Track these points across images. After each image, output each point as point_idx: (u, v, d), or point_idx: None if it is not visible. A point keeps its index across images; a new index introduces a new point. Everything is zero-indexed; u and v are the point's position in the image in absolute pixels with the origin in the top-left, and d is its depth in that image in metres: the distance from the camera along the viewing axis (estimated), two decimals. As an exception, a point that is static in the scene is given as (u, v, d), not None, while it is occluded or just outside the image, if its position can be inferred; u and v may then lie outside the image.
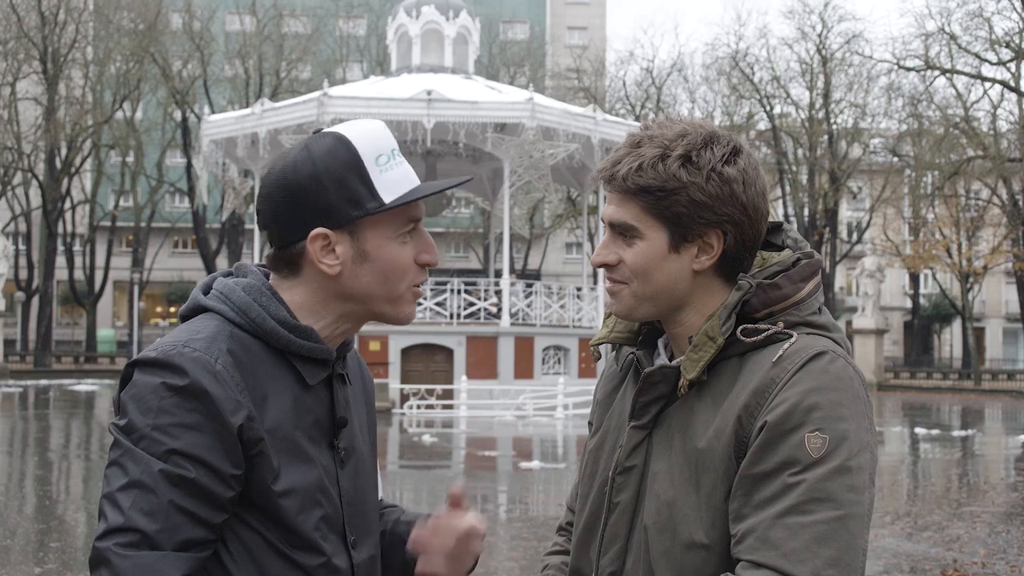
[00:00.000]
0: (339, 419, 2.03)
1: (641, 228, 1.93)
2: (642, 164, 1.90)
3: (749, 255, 1.97)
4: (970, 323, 57.37)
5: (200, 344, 1.87)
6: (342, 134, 1.97)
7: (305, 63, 60.10)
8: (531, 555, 10.17)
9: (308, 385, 1.98)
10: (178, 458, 1.78)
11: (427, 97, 28.85)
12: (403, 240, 1.99)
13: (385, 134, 2.02)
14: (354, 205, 1.93)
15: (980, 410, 37.85)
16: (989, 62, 50.01)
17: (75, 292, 58.74)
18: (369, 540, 2.10)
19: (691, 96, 61.44)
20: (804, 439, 1.78)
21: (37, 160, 54.75)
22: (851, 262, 64.73)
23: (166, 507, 1.76)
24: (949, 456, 20.92)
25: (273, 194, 1.96)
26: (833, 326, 1.96)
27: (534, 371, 31.37)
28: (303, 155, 1.95)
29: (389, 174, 1.96)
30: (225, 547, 1.87)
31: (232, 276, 2.06)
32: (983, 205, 56.43)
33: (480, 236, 61.13)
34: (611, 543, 2.01)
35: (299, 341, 1.95)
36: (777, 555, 1.74)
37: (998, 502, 14.48)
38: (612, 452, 2.05)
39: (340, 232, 1.94)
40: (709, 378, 1.92)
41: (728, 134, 1.95)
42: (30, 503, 13.51)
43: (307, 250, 1.95)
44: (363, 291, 1.98)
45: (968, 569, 9.75)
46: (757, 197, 1.93)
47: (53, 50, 52.46)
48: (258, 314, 1.94)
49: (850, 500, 1.77)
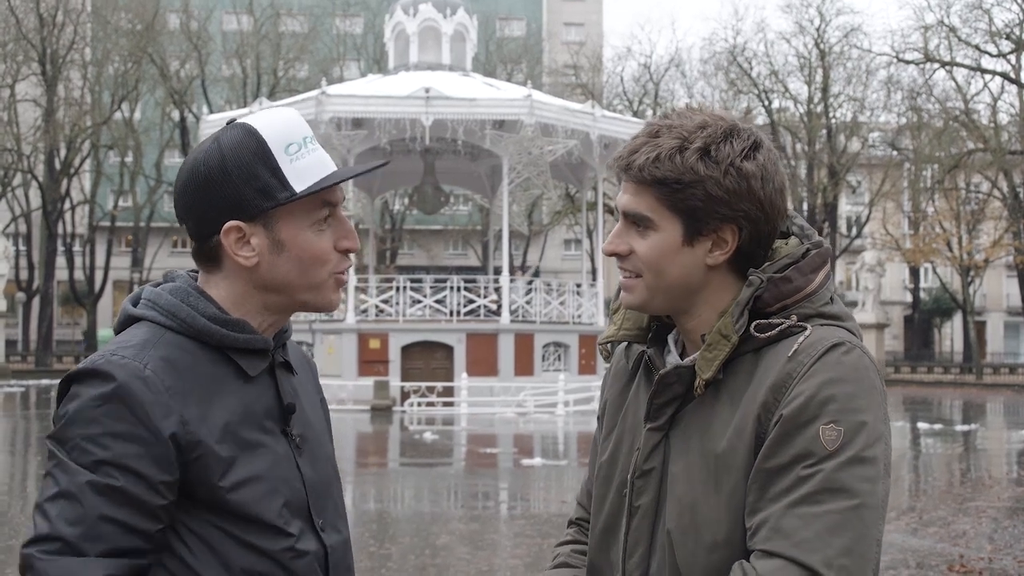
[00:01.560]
0: (287, 406, 2.02)
1: (655, 219, 1.89)
2: (659, 155, 1.86)
3: (763, 251, 1.94)
4: (971, 317, 57.41)
5: (129, 352, 1.86)
6: (250, 125, 1.95)
7: (302, 62, 60.16)
8: (534, 552, 10.14)
9: (250, 377, 1.97)
10: (107, 467, 1.78)
11: (425, 95, 28.83)
12: (319, 228, 1.97)
13: (296, 122, 1.98)
14: (265, 196, 1.92)
15: (982, 404, 37.88)
16: (989, 54, 50.06)
17: (75, 292, 58.76)
18: (339, 522, 2.10)
19: (689, 91, 61.42)
20: (819, 432, 1.76)
21: (37, 161, 54.83)
22: (851, 256, 64.72)
23: (92, 517, 1.77)
24: (952, 451, 20.91)
25: (185, 187, 1.96)
26: (846, 315, 1.94)
27: (534, 368, 31.37)
28: (212, 147, 1.95)
29: (300, 162, 1.94)
30: (186, 546, 1.86)
31: (162, 282, 2.06)
32: (983, 198, 56.47)
33: (479, 233, 61.15)
34: (635, 547, 1.98)
35: (233, 335, 1.95)
36: (789, 544, 1.72)
37: (1003, 497, 14.45)
38: (629, 454, 2.02)
39: (253, 224, 1.93)
40: (725, 376, 1.89)
41: (750, 127, 1.92)
42: (33, 503, 13.46)
43: (222, 243, 1.95)
44: (282, 281, 1.97)
45: (975, 564, 9.71)
46: (775, 193, 1.90)
47: (52, 52, 52.52)
48: (188, 314, 1.94)
49: (865, 490, 1.75)
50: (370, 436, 23.07)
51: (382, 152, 30.95)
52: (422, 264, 67.60)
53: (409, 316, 31.54)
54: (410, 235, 68.79)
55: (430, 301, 31.86)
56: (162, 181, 59.34)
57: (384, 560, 9.64)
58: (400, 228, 62.22)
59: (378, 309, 31.44)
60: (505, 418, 27.19)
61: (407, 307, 31.62)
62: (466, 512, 12.74)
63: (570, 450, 20.40)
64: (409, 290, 31.92)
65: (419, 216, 60.66)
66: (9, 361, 48.34)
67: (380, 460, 19.18)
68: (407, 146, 31.49)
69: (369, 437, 22.84)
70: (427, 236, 71.54)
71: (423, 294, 32.26)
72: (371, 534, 10.94)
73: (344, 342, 30.15)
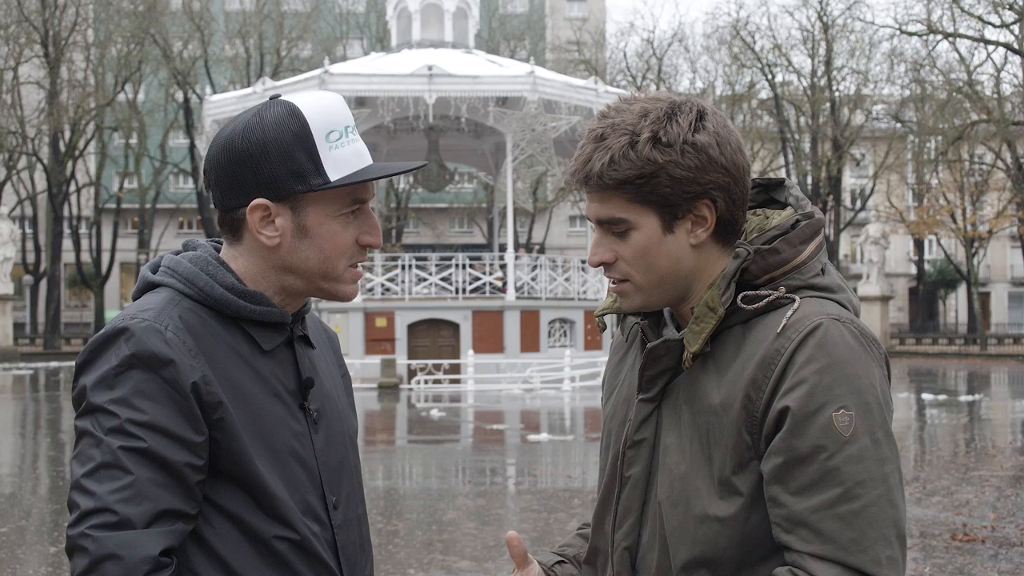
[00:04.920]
0: (306, 380, 2.02)
1: (630, 219, 1.88)
2: (613, 157, 1.84)
3: (741, 213, 1.92)
4: (975, 288, 57.38)
5: (149, 314, 1.86)
6: (295, 105, 1.93)
7: (305, 41, 59.97)
8: (541, 527, 10.23)
9: (265, 350, 1.97)
10: (139, 429, 1.76)
11: (428, 72, 28.78)
12: (346, 220, 1.96)
13: (341, 109, 1.96)
14: (298, 179, 1.90)
15: (986, 375, 37.90)
16: (992, 25, 49.77)
17: (82, 274, 58.80)
18: (353, 499, 2.10)
19: (692, 66, 61.31)
20: (831, 419, 1.75)
21: (41, 144, 54.86)
22: (855, 229, 64.67)
23: (134, 482, 1.74)
24: (956, 421, 20.97)
25: (218, 156, 1.94)
26: (838, 286, 1.92)
27: (540, 344, 31.44)
28: (253, 121, 1.92)
29: (340, 151, 1.92)
30: (203, 515, 1.86)
31: (182, 250, 2.05)
32: (987, 169, 56.32)
33: (484, 211, 61.12)
34: (625, 517, 1.99)
35: (249, 306, 1.94)
36: (836, 548, 1.73)
37: (1006, 466, 14.53)
38: (623, 425, 2.02)
39: (281, 204, 1.92)
40: (714, 348, 1.89)
41: (689, 99, 1.90)
42: (44, 484, 13.59)
43: (247, 219, 1.93)
44: (301, 266, 1.96)
45: (978, 533, 9.80)
46: (735, 154, 1.87)
47: (54, 33, 52.39)
48: (206, 283, 1.93)
49: (887, 473, 1.77)
50: (377, 414, 23.15)
51: (386, 130, 30.95)
52: (427, 242, 67.51)
53: (415, 294, 31.59)
54: (415, 213, 68.70)
55: (436, 279, 31.89)
56: (167, 162, 59.37)
57: (392, 536, 9.75)
58: (405, 206, 62.15)
59: (384, 287, 31.46)
60: (511, 394, 27.29)
61: (413, 285, 31.65)
62: (473, 488, 12.84)
63: (576, 426, 20.48)
64: (415, 268, 31.96)
65: (424, 194, 60.81)
66: (17, 344, 48.41)
67: (388, 437, 19.25)
68: (411, 124, 31.52)
69: (376, 415, 22.92)
70: (432, 214, 71.45)
71: (429, 272, 32.27)
72: (379, 510, 11.04)
73: (350, 321, 30.20)
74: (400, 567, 8.61)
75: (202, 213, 56.63)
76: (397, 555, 9.04)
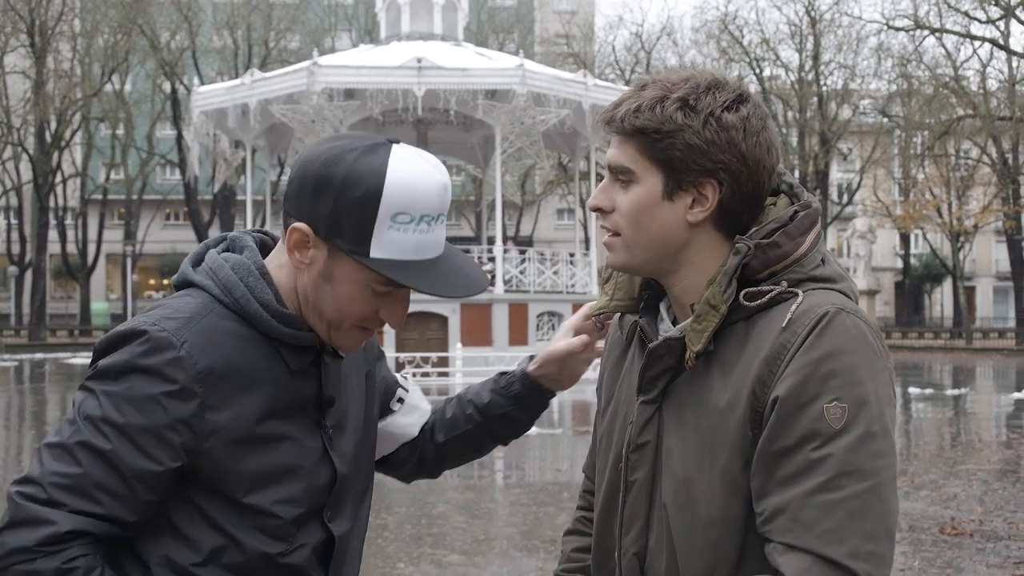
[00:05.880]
0: (326, 399, 2.01)
1: (636, 171, 1.87)
2: (640, 106, 1.85)
3: (748, 210, 1.88)
4: (961, 282, 57.61)
5: (172, 324, 1.84)
6: (387, 168, 1.86)
7: (294, 32, 59.81)
8: (530, 520, 10.25)
9: (291, 369, 1.95)
10: (111, 430, 1.79)
11: (417, 65, 28.71)
12: (375, 291, 1.91)
13: (430, 198, 1.91)
14: (338, 233, 1.86)
15: (972, 369, 38.06)
16: (978, 20, 49.92)
17: (68, 265, 58.65)
18: (359, 509, 2.12)
19: (681, 60, 61.19)
20: (823, 410, 1.71)
21: (27, 134, 54.62)
22: (842, 223, 64.77)
23: (80, 476, 1.79)
24: (942, 415, 21.04)
25: (301, 164, 1.91)
26: (839, 276, 1.88)
27: (528, 337, 31.40)
28: (347, 156, 1.87)
29: (399, 235, 1.86)
30: (187, 516, 1.88)
31: (227, 247, 2.03)
32: (973, 164, 56.56)
33: (472, 203, 61.07)
34: (632, 522, 1.95)
35: (281, 328, 1.92)
36: (812, 537, 1.68)
37: (993, 460, 14.60)
38: (624, 427, 1.98)
39: (321, 241, 1.88)
40: (716, 347, 1.84)
41: (738, 83, 1.90)
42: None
43: (289, 234, 1.91)
44: (316, 302, 1.93)
45: (966, 527, 9.85)
46: (758, 148, 1.85)
47: (40, 23, 52.13)
48: (242, 294, 1.91)
49: (879, 467, 1.71)
50: (365, 406, 23.10)
51: (375, 123, 30.90)
52: (415, 235, 67.32)
53: (403, 287, 31.46)
54: (402, 205, 68.41)
55: (424, 271, 31.80)
56: (154, 153, 59.19)
57: (381, 530, 9.73)
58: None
59: (372, 280, 31.33)
60: (499, 387, 27.20)
61: (401, 278, 31.51)
62: (462, 481, 12.85)
63: (564, 419, 20.48)
64: (403, 261, 31.81)
65: (412, 186, 60.51)
66: (2, 335, 48.33)
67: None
68: (400, 116, 31.39)
69: (364, 407, 22.88)
70: (420, 206, 71.23)
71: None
72: (369, 503, 11.02)
73: (338, 313, 30.07)
74: (390, 561, 8.61)
75: (189, 205, 56.48)
76: (387, 549, 9.04)
